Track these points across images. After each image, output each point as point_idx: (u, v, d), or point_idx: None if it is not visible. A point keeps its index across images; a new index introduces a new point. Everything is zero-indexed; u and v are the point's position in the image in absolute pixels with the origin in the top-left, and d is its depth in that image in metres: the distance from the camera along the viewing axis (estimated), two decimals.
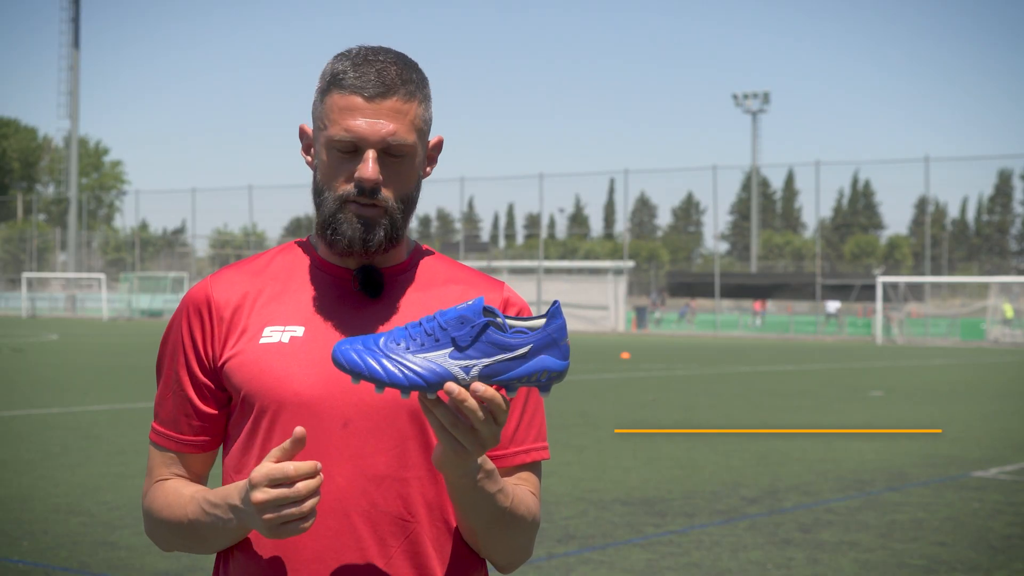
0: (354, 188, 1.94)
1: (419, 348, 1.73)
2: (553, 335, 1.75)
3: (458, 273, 2.11)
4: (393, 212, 1.97)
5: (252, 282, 2.05)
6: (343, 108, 1.93)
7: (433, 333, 1.74)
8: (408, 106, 1.95)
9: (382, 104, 1.93)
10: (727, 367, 27.26)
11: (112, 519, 8.07)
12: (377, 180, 1.93)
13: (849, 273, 64.66)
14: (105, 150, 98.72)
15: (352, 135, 1.92)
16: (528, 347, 1.73)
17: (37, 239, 74.50)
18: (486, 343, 1.73)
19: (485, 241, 79.80)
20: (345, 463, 1.95)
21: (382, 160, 1.94)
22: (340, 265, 2.04)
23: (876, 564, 7.22)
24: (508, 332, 1.74)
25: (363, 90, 1.92)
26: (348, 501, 1.95)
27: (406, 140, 1.94)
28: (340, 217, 1.96)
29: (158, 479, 2.07)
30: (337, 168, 1.95)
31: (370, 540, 1.95)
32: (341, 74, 1.95)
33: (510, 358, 1.73)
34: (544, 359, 1.74)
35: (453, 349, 1.73)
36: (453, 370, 1.72)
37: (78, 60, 67.67)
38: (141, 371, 22.04)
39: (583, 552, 7.42)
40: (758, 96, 78.55)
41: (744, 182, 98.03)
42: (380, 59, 1.95)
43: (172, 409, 2.05)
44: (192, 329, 2.03)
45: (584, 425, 14.07)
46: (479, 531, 1.96)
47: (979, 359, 33.52)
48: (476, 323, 1.73)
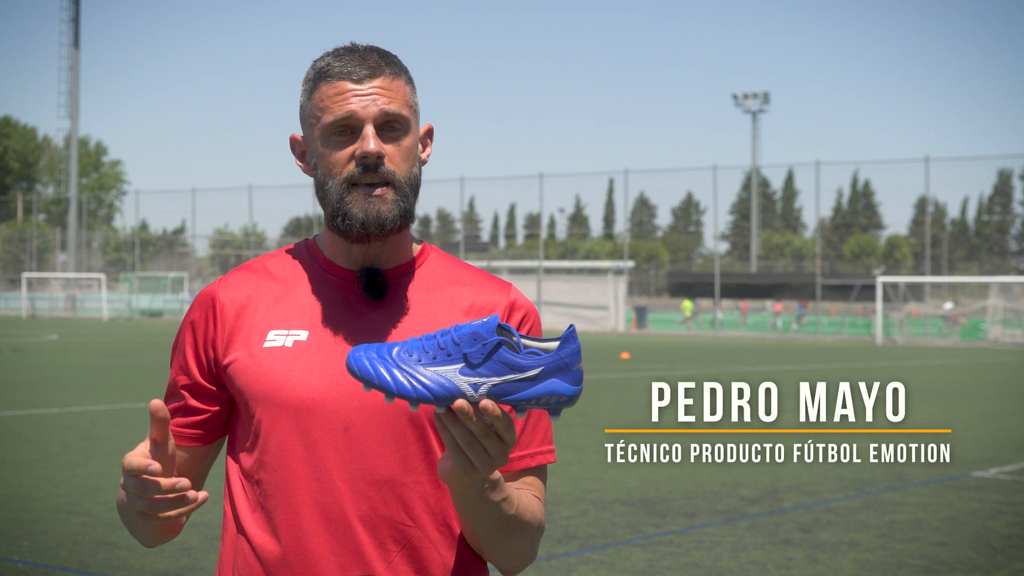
0: (357, 167, 1.95)
1: (431, 361, 1.73)
2: (565, 359, 1.73)
3: (463, 274, 2.10)
4: (400, 187, 1.97)
5: (257, 284, 2.05)
6: (333, 94, 1.95)
7: (446, 348, 1.73)
8: (396, 83, 1.97)
9: (371, 83, 1.95)
10: (727, 367, 27.26)
11: (112, 519, 8.06)
12: (379, 152, 1.94)
13: (849, 273, 64.66)
14: (104, 149, 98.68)
15: (347, 113, 1.94)
16: (539, 369, 1.73)
17: (37, 239, 74.45)
18: (497, 362, 1.72)
19: (485, 241, 79.75)
20: (346, 467, 1.95)
21: (380, 135, 1.96)
22: (344, 267, 2.04)
23: (876, 564, 7.22)
24: (521, 352, 1.73)
25: (351, 74, 1.95)
26: (349, 506, 1.95)
27: (400, 111, 1.96)
28: (348, 200, 1.95)
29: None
30: (337, 153, 1.96)
31: (370, 544, 1.95)
32: (326, 67, 1.97)
33: (520, 379, 1.72)
34: (554, 383, 1.73)
35: (464, 365, 1.72)
36: (462, 386, 1.72)
37: (78, 60, 67.63)
38: (141, 371, 22.04)
39: (583, 552, 7.42)
40: (758, 96, 78.54)
41: (744, 182, 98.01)
42: (360, 48, 1.99)
43: (168, 400, 2.09)
44: (195, 329, 2.04)
45: (584, 425, 14.08)
46: (484, 538, 1.96)
47: (979, 359, 33.52)
48: (489, 341, 1.72)
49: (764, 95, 78.37)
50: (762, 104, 78.30)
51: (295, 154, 2.07)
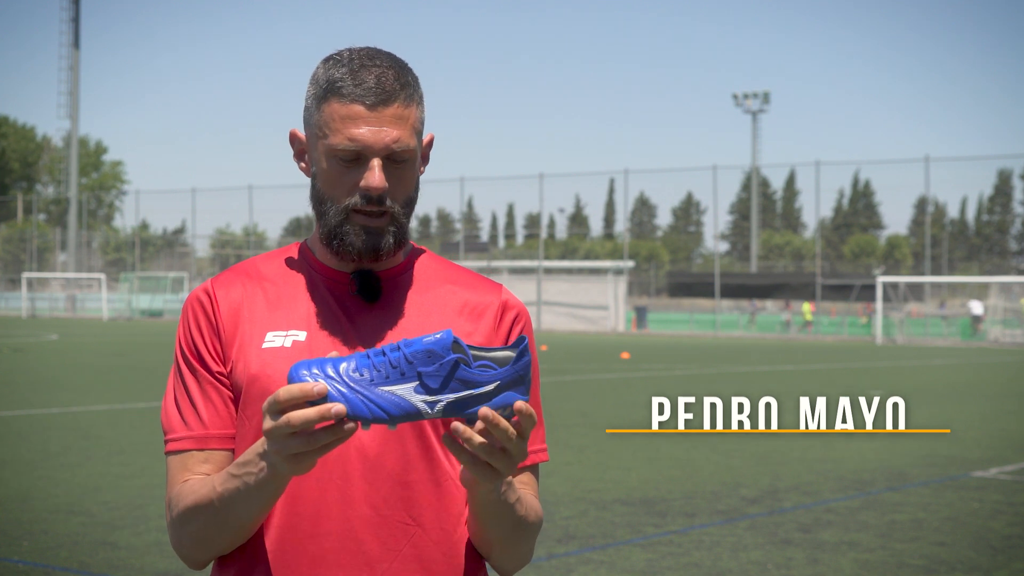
0: (360, 198, 1.93)
1: (384, 381, 1.69)
2: (520, 372, 1.72)
3: (455, 274, 2.11)
4: (399, 217, 1.96)
5: (251, 286, 2.05)
6: (344, 117, 1.90)
7: (399, 366, 1.69)
8: (408, 111, 1.94)
9: (384, 112, 1.91)
10: (727, 367, 27.25)
11: (112, 519, 8.06)
12: (384, 188, 1.92)
13: (849, 273, 64.65)
14: (104, 149, 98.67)
15: (357, 144, 1.90)
16: (495, 384, 1.70)
17: (37, 239, 74.47)
18: (455, 379, 1.69)
19: (485, 241, 79.68)
20: (345, 467, 1.95)
21: (386, 167, 1.93)
22: (338, 269, 2.04)
23: (876, 564, 7.22)
24: (473, 366, 1.70)
25: (364, 98, 1.90)
26: (351, 506, 1.94)
27: (409, 145, 1.93)
28: (347, 228, 1.94)
29: (182, 480, 1.98)
30: (340, 177, 1.94)
31: (373, 545, 1.95)
32: (339, 81, 1.91)
33: (476, 394, 1.70)
34: (509, 395, 1.72)
35: (418, 384, 1.69)
36: (419, 405, 1.69)
37: (78, 60, 67.64)
38: (141, 371, 22.04)
39: (583, 552, 7.42)
40: (758, 96, 78.56)
41: (744, 182, 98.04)
42: (376, 64, 1.93)
43: (197, 405, 1.98)
44: (200, 328, 2.01)
45: (584, 425, 14.08)
46: (496, 541, 1.97)
47: (979, 359, 33.52)
48: (446, 360, 1.68)
49: (764, 95, 78.39)
50: (762, 104, 78.32)
51: (294, 149, 2.05)
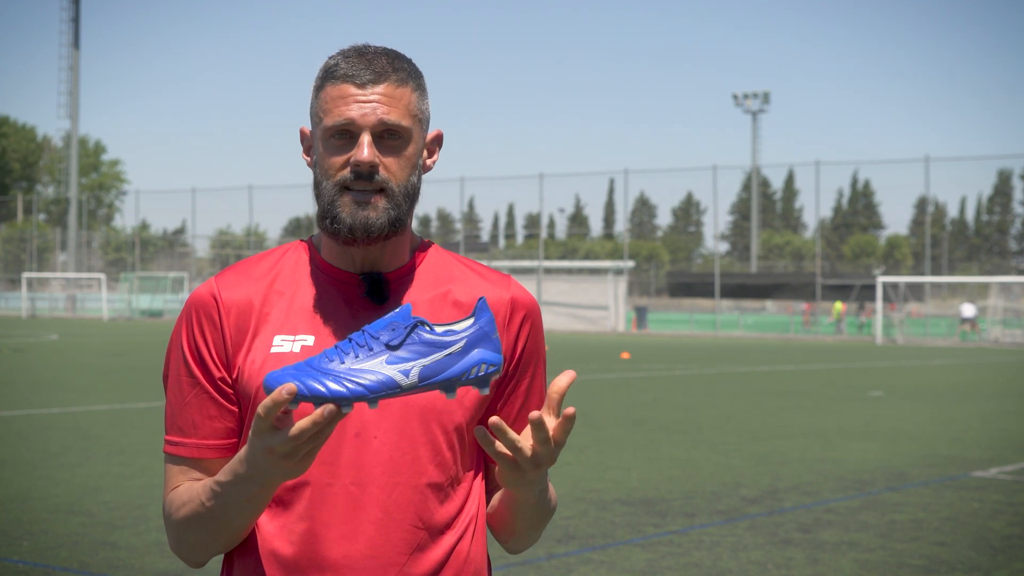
0: (351, 172, 1.94)
1: (355, 360, 1.73)
2: (484, 328, 1.76)
3: (462, 270, 2.10)
4: (394, 195, 1.96)
5: (257, 286, 2.03)
6: (336, 97, 1.95)
7: (366, 344, 1.73)
8: (400, 91, 1.96)
9: (374, 89, 1.94)
10: (727, 367, 27.25)
11: (112, 519, 8.06)
12: (372, 161, 1.93)
13: (849, 273, 64.63)
14: (104, 149, 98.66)
15: (345, 120, 1.93)
16: (462, 342, 1.75)
17: (37, 239, 74.44)
18: (420, 344, 1.73)
19: (485, 241, 79.74)
20: (358, 472, 1.94)
21: (379, 144, 1.95)
22: (344, 269, 2.03)
23: (876, 564, 7.22)
24: (437, 332, 1.74)
25: (355, 78, 1.94)
26: (362, 509, 1.94)
27: (400, 122, 1.95)
28: (338, 204, 1.95)
29: (174, 487, 2.00)
30: (334, 156, 1.96)
31: (385, 548, 1.95)
32: (334, 67, 1.97)
33: (446, 354, 1.74)
34: (481, 352, 1.75)
35: (389, 354, 1.73)
36: (393, 374, 1.72)
37: (78, 60, 67.61)
38: (141, 371, 22.04)
39: (583, 552, 7.42)
40: (758, 96, 78.58)
41: (744, 182, 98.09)
42: (371, 50, 1.99)
43: (193, 413, 1.98)
44: (204, 332, 1.99)
45: (584, 425, 14.07)
46: (521, 531, 2.08)
47: (979, 359, 33.51)
48: (407, 324, 1.74)
49: (764, 95, 78.40)
50: (762, 104, 78.33)
51: (303, 146, 2.08)
